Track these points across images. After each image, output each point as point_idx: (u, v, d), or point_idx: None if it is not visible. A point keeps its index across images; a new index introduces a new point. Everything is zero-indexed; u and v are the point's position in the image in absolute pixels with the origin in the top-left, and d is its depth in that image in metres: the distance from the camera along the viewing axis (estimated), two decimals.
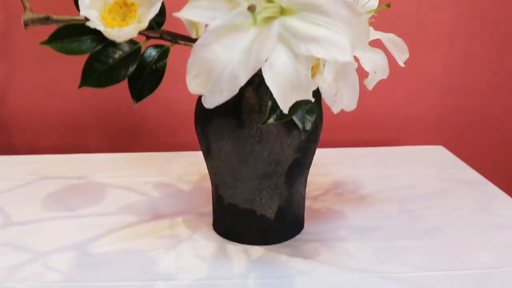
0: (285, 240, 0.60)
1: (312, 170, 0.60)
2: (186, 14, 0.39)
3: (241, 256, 0.57)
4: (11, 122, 0.99)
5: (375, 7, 0.53)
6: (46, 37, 0.46)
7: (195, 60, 0.39)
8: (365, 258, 0.56)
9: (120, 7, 0.40)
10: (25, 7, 0.54)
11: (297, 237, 0.61)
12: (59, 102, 0.98)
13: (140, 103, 0.46)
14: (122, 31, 0.38)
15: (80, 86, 0.44)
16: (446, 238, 0.61)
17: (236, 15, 0.39)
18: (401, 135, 0.98)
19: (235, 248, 0.58)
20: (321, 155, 0.66)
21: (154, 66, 0.45)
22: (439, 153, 0.90)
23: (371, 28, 0.52)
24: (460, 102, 0.99)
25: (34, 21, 0.52)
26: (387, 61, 0.52)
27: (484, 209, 0.68)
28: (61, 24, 0.52)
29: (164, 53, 0.45)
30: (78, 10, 0.41)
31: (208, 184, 0.64)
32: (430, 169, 0.82)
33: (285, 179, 0.56)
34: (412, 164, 0.84)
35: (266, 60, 0.38)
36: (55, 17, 0.52)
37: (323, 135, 0.59)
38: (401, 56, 0.53)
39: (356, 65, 0.47)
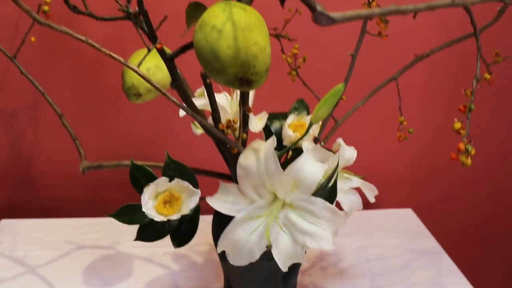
0: None
1: None
2: (216, 206, 0.55)
3: None
4: (39, 178, 1.14)
5: (354, 157, 0.69)
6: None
7: (224, 239, 0.55)
8: None
9: (168, 197, 0.55)
10: (80, 155, 0.70)
11: None
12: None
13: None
14: (170, 218, 0.54)
15: (135, 240, 0.60)
16: None
17: (254, 210, 0.55)
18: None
19: None
20: None
21: (190, 222, 0.61)
22: (407, 218, 1.08)
23: (354, 177, 0.68)
24: (431, 166, 1.16)
25: (90, 168, 0.68)
26: (360, 200, 0.69)
27: (437, 285, 0.86)
28: (109, 168, 0.68)
29: (197, 211, 0.61)
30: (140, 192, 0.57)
31: (215, 256, 0.81)
32: (399, 237, 1.00)
33: (282, 279, 0.73)
34: (384, 231, 1.02)
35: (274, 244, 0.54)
36: (105, 164, 0.68)
37: None
38: (372, 194, 0.70)
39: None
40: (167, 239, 0.63)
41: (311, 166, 0.53)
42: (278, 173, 0.52)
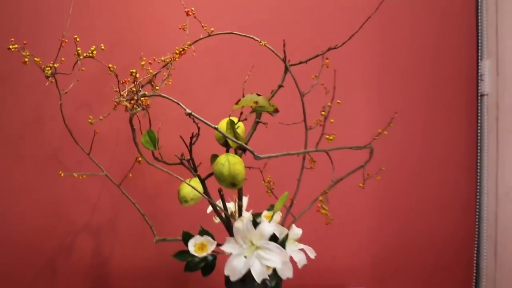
0: None
1: None
2: (225, 248, 1.14)
3: None
4: (114, 277, 1.70)
5: (300, 233, 1.27)
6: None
7: (227, 266, 1.13)
8: None
9: (201, 245, 1.15)
10: (153, 233, 1.30)
11: None
12: None
13: None
14: (201, 255, 1.13)
15: (185, 271, 1.18)
16: None
17: (242, 250, 1.13)
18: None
19: None
20: None
21: (211, 263, 1.18)
22: None
23: (299, 243, 1.26)
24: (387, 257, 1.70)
25: (159, 240, 1.28)
26: (305, 256, 1.25)
27: None
28: (170, 241, 1.28)
29: (214, 258, 1.19)
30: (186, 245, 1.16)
31: None
32: None
33: None
34: None
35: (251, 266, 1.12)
36: (168, 238, 1.28)
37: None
38: (312, 253, 1.26)
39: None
40: None
41: (267, 227, 1.12)
42: (252, 230, 1.12)
